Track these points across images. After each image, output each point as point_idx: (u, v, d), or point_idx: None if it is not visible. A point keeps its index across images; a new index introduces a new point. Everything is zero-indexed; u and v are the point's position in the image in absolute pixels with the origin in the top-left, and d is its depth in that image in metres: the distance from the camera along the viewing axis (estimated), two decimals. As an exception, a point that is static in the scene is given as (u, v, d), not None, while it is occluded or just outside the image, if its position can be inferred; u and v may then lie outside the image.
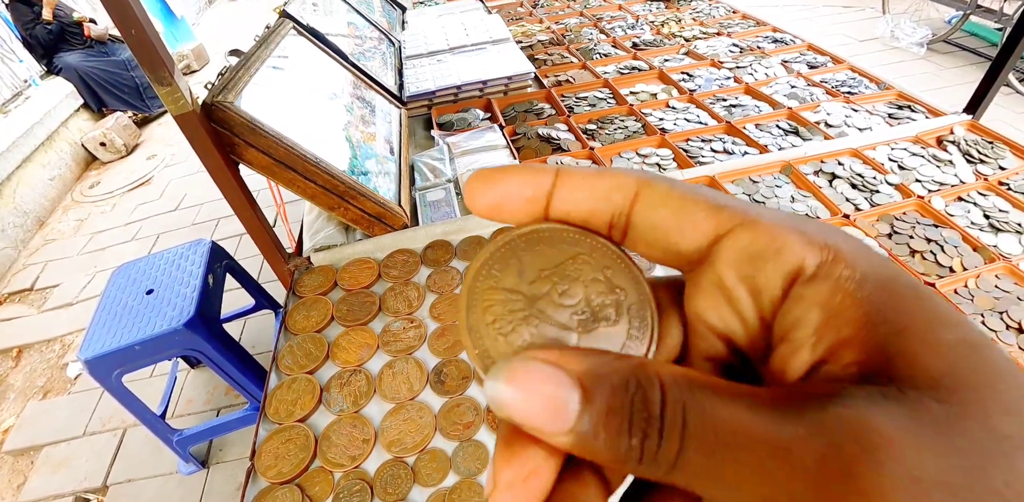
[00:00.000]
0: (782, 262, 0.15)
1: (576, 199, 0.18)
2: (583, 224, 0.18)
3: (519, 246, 0.18)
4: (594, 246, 0.18)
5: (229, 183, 0.92)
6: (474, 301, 0.18)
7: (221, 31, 5.71)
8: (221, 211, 2.88)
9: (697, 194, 0.17)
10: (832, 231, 0.16)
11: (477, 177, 0.18)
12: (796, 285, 0.15)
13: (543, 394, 0.14)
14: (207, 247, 1.58)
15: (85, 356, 1.31)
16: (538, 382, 0.14)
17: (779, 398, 0.13)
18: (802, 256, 0.15)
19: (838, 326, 0.14)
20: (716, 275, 0.17)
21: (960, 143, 1.20)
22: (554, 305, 0.18)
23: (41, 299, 2.54)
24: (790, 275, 0.15)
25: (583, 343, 0.18)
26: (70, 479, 1.74)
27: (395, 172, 1.22)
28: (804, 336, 0.15)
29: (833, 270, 0.15)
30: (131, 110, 3.92)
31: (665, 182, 0.17)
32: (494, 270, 0.18)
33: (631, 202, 0.17)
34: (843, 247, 0.15)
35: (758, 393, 0.14)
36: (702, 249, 0.17)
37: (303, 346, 0.89)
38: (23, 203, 3.05)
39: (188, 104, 0.81)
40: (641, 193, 0.17)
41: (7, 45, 3.69)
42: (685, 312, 0.19)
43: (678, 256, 0.17)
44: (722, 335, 0.18)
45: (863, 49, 3.46)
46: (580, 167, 0.18)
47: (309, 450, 0.74)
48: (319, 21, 1.43)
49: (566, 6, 2.27)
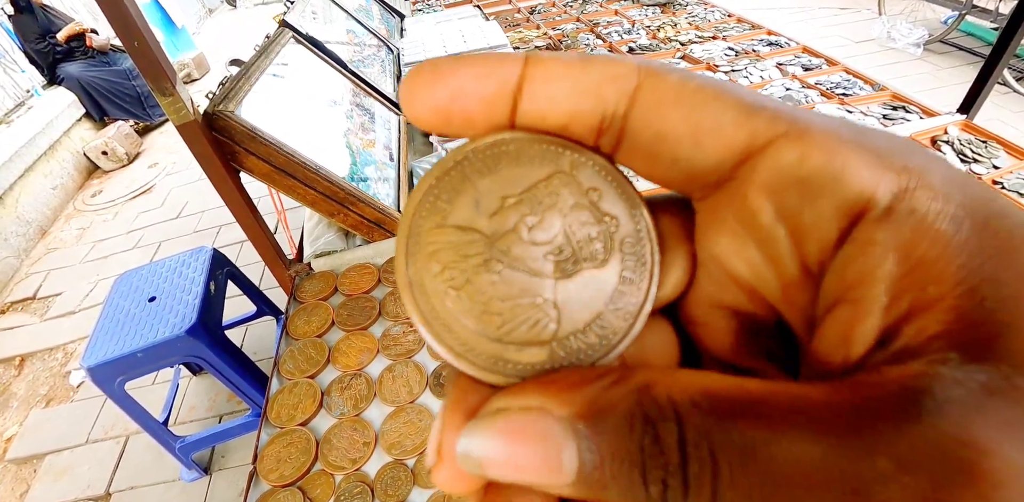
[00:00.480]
0: (842, 191, 0.11)
1: (553, 96, 0.13)
2: (561, 132, 0.14)
3: (474, 166, 0.14)
4: (576, 162, 0.14)
5: (230, 191, 0.94)
6: (415, 245, 0.14)
7: (221, 40, 5.76)
8: (222, 219, 2.89)
9: (722, 89, 0.12)
10: (912, 149, 0.12)
11: (418, 71, 0.13)
12: (862, 224, 0.11)
13: (530, 450, 0.11)
14: (208, 254, 1.59)
15: (88, 363, 1.32)
16: (522, 436, 0.11)
17: (843, 409, 0.09)
18: (872, 183, 0.11)
19: (922, 282, 0.10)
20: (745, 206, 0.12)
21: (954, 143, 1.21)
22: (522, 243, 0.14)
23: (44, 308, 2.56)
24: (852, 210, 0.11)
25: (560, 292, 0.14)
26: (73, 487, 1.74)
27: (394, 178, 1.23)
28: (873, 295, 0.11)
29: (917, 203, 0.11)
30: (132, 119, 3.95)
31: (676, 73, 0.13)
32: (441, 201, 0.14)
33: (629, 99, 0.13)
34: (930, 171, 0.11)
35: (810, 401, 0.10)
36: (725, 168, 0.12)
37: (304, 351, 0.90)
38: (25, 212, 3.07)
39: (189, 114, 0.82)
40: (644, 86, 0.13)
41: (9, 55, 3.73)
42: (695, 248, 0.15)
43: (690, 176, 0.13)
44: (745, 285, 0.14)
45: (859, 50, 3.48)
46: (557, 53, 0.13)
47: (310, 453, 0.75)
48: (318, 29, 1.45)
49: (563, 12, 2.29)
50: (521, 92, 0.13)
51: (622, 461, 0.10)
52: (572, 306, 0.14)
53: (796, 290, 0.13)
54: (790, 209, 0.12)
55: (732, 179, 0.13)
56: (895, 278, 0.11)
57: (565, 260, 0.14)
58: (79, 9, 4.55)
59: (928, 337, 0.10)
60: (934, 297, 0.10)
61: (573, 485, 0.11)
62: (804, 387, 0.10)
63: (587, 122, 0.13)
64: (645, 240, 0.14)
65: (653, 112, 0.13)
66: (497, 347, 0.14)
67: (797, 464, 0.09)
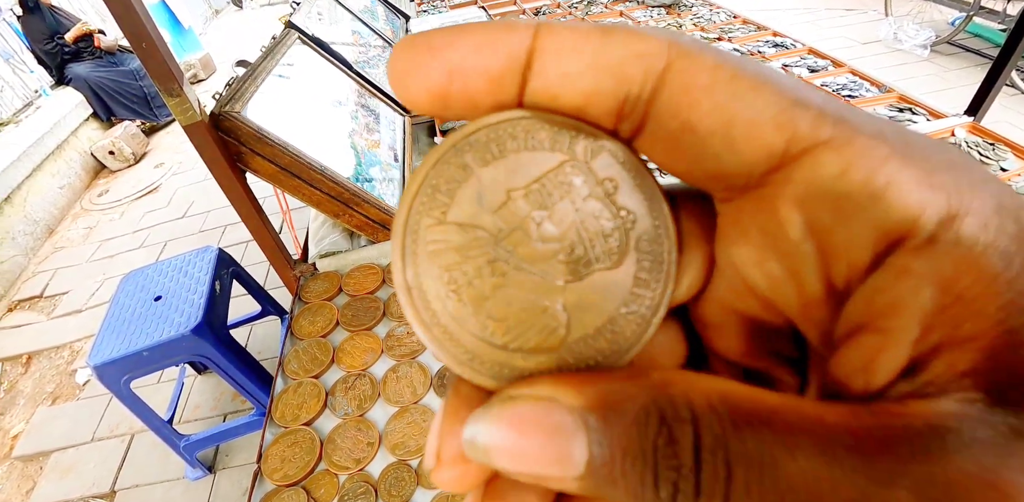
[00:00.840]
0: (883, 213, 0.10)
1: (568, 72, 0.11)
2: (575, 114, 0.12)
3: (476, 152, 0.13)
4: (590, 148, 0.13)
5: (236, 191, 0.94)
6: (413, 245, 0.12)
7: (227, 41, 5.79)
8: (227, 218, 2.91)
9: (763, 78, 0.11)
10: (965, 165, 0.10)
11: (408, 45, 0.12)
12: (900, 251, 0.10)
13: (539, 440, 0.11)
14: (214, 254, 1.60)
15: (95, 362, 1.32)
16: (530, 426, 0.11)
17: (866, 435, 0.09)
18: (917, 207, 0.10)
19: (959, 319, 0.10)
20: (772, 217, 0.11)
21: (961, 145, 1.20)
22: (530, 241, 0.13)
23: (50, 306, 2.57)
24: (891, 235, 0.10)
25: (570, 296, 0.13)
26: (78, 484, 1.75)
27: (399, 179, 1.24)
28: (903, 326, 0.10)
29: (964, 233, 0.10)
30: (139, 119, 3.97)
31: (711, 54, 0.11)
32: (440, 193, 0.13)
33: (656, 79, 0.11)
34: (982, 195, 0.10)
35: (831, 424, 0.10)
36: (757, 173, 0.11)
37: (309, 351, 0.90)
38: (33, 211, 3.10)
39: (196, 114, 0.83)
40: (673, 67, 0.11)
41: (18, 56, 3.76)
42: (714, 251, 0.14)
43: (716, 176, 0.12)
44: (762, 297, 0.13)
45: (866, 52, 3.47)
46: (572, 22, 0.11)
47: (315, 453, 0.75)
48: (324, 30, 1.46)
49: (568, 13, 2.30)
50: (531, 67, 0.11)
51: (634, 458, 0.10)
52: (583, 310, 0.13)
53: (816, 308, 0.12)
54: (822, 225, 0.11)
55: (762, 185, 0.11)
56: (930, 312, 0.10)
57: (576, 261, 0.13)
58: (87, 10, 4.59)
59: (957, 374, 0.10)
60: (969, 335, 0.10)
61: (581, 480, 0.10)
62: (824, 406, 0.10)
63: (606, 104, 0.12)
64: (663, 238, 0.13)
65: (683, 98, 0.11)
66: (503, 354, 0.13)
67: (815, 483, 0.09)
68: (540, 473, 0.11)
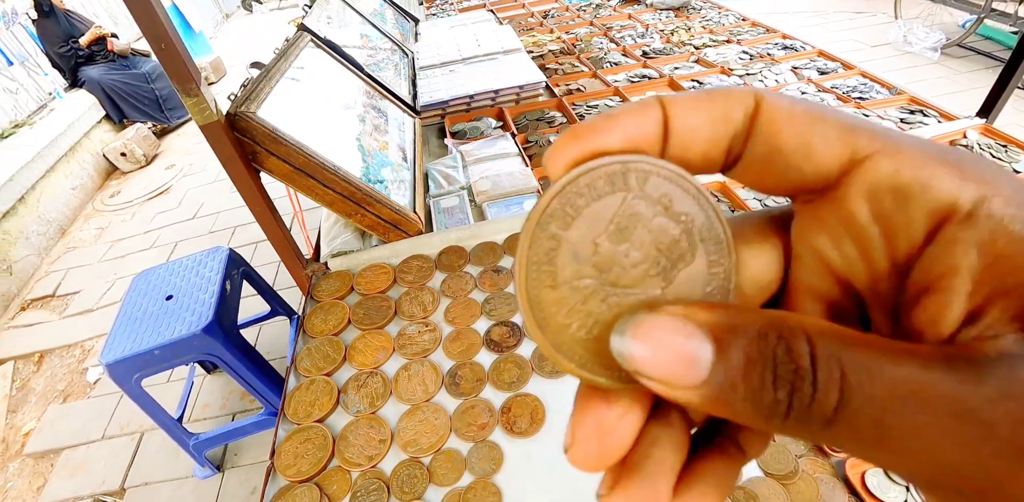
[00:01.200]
0: (930, 199, 0.13)
1: (693, 125, 0.15)
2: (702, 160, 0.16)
3: (557, 222, 0.15)
4: (640, 177, 0.15)
5: (251, 190, 0.95)
6: (543, 318, 0.15)
7: (238, 44, 5.85)
8: (238, 219, 2.93)
9: (825, 111, 0.15)
10: (989, 165, 0.14)
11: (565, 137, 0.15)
12: (947, 226, 0.13)
13: (672, 346, 0.13)
14: (225, 254, 1.61)
15: (107, 359, 1.34)
16: (666, 334, 0.13)
17: (952, 356, 0.12)
18: (955, 193, 0.13)
19: (1001, 273, 0.13)
20: (845, 209, 0.15)
21: (973, 147, 1.19)
22: (625, 271, 0.15)
23: (63, 305, 2.60)
24: (938, 214, 0.13)
25: (668, 298, 0.15)
26: (88, 482, 1.77)
27: (410, 180, 1.24)
28: (959, 284, 0.13)
29: (994, 209, 0.13)
30: (151, 121, 4.02)
31: (786, 97, 0.15)
32: (544, 265, 0.15)
33: (751, 119, 0.15)
34: (1004, 183, 0.13)
35: (922, 350, 0.12)
36: (830, 177, 0.15)
37: (321, 349, 0.91)
38: (46, 212, 3.14)
39: (213, 114, 0.84)
40: (761, 107, 0.15)
41: (33, 59, 3.82)
42: (792, 244, 0.17)
43: (799, 184, 0.15)
44: (839, 276, 0.16)
45: (876, 55, 3.45)
46: (682, 93, 0.16)
47: (327, 450, 0.75)
48: (334, 33, 1.47)
49: (576, 16, 2.30)
50: (669, 129, 0.15)
51: (755, 363, 0.12)
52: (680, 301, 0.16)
53: (882, 281, 0.15)
54: (884, 212, 0.14)
55: (836, 186, 0.15)
56: (977, 270, 0.13)
57: (664, 271, 0.15)
58: (100, 14, 4.65)
59: (1009, 318, 0.12)
60: (1011, 285, 0.12)
61: (704, 385, 0.13)
62: (915, 344, 0.12)
63: (720, 146, 0.15)
64: (715, 222, 0.16)
65: (771, 128, 0.15)
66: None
67: (917, 384, 0.11)
68: (669, 376, 0.13)
